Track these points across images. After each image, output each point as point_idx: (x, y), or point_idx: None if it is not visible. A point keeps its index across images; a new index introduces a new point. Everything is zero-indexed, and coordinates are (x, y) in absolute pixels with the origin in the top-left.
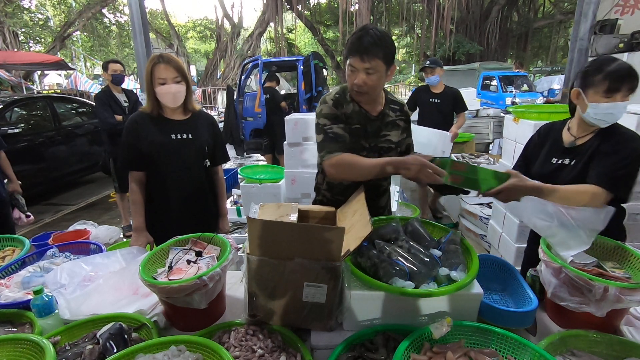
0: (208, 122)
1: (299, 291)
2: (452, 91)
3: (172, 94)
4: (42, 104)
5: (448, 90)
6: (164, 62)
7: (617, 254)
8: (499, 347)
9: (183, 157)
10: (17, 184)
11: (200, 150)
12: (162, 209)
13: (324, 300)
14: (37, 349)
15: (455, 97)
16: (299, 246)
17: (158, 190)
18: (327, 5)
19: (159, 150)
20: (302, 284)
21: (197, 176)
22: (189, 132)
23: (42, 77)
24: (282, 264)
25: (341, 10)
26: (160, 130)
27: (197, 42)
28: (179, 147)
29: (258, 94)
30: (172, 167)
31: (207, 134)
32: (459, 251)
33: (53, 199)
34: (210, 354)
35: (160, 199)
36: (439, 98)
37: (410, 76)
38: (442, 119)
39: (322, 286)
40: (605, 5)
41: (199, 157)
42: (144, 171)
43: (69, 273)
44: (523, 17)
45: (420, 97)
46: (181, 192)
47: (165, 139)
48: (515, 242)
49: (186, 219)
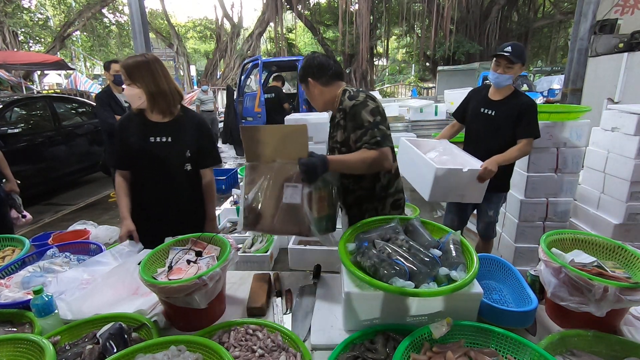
0: (196, 125)
1: (280, 192)
2: (521, 101)
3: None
4: (42, 104)
5: (514, 98)
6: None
7: (617, 254)
8: (498, 347)
9: (160, 160)
10: (15, 183)
11: (180, 154)
12: (139, 212)
13: (299, 200)
14: (37, 349)
15: (522, 111)
16: (277, 147)
17: (137, 193)
18: (327, 5)
19: (136, 153)
20: (283, 184)
21: (176, 180)
22: (169, 136)
23: (42, 77)
24: (267, 166)
25: (341, 10)
26: (141, 132)
27: (197, 42)
28: (157, 150)
29: (258, 94)
30: (149, 170)
31: (190, 137)
32: (459, 251)
33: (53, 199)
34: (210, 354)
35: (139, 202)
36: (496, 108)
37: (410, 76)
38: (497, 142)
39: (298, 186)
40: (605, 5)
41: (178, 161)
42: (129, 170)
43: (66, 281)
44: (523, 17)
45: (470, 103)
46: (158, 196)
47: (143, 141)
48: (515, 242)
49: (164, 223)
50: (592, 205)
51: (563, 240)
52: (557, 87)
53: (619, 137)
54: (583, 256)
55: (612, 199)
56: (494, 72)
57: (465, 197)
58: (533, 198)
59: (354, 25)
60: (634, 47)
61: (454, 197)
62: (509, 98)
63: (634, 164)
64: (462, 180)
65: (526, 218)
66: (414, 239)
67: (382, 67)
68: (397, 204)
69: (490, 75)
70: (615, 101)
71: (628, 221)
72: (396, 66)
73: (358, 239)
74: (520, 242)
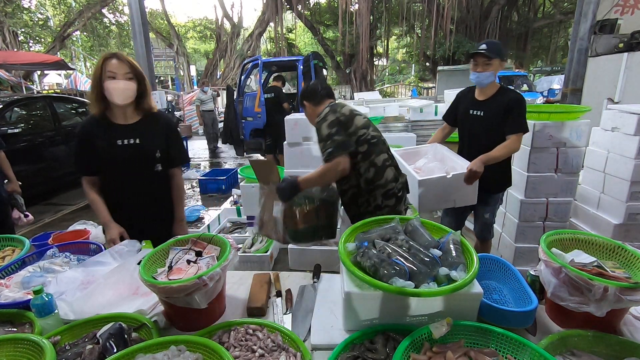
0: (162, 124)
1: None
2: (508, 97)
3: (121, 89)
4: (42, 104)
5: (501, 95)
6: (117, 58)
7: (617, 254)
8: (498, 347)
9: (130, 163)
10: (17, 184)
11: (149, 155)
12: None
13: (280, 214)
14: (37, 349)
15: (509, 107)
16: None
17: (108, 197)
18: (327, 5)
19: (105, 158)
20: (273, 202)
21: (146, 182)
22: (137, 137)
23: (42, 77)
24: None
25: (341, 10)
26: (107, 136)
27: (197, 42)
28: (125, 153)
29: (258, 94)
30: (118, 173)
31: (158, 137)
32: (459, 251)
33: (53, 199)
34: (210, 354)
35: (110, 204)
36: (484, 109)
37: (410, 76)
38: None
39: (279, 203)
40: (605, 5)
41: (147, 163)
42: (96, 176)
43: (67, 282)
44: (523, 17)
45: (459, 106)
46: (130, 199)
47: (111, 146)
48: (515, 242)
49: (136, 225)
50: (592, 205)
51: (563, 240)
52: (557, 87)
53: (619, 137)
54: (583, 256)
55: (612, 199)
56: (474, 72)
57: (457, 201)
58: (533, 198)
59: (354, 25)
60: (634, 47)
61: (445, 204)
62: (496, 96)
63: (634, 164)
64: (449, 187)
65: (526, 218)
66: (414, 239)
67: (382, 67)
68: (390, 194)
69: (471, 76)
70: (615, 101)
71: (628, 221)
72: (396, 66)
73: (358, 239)
74: (520, 242)
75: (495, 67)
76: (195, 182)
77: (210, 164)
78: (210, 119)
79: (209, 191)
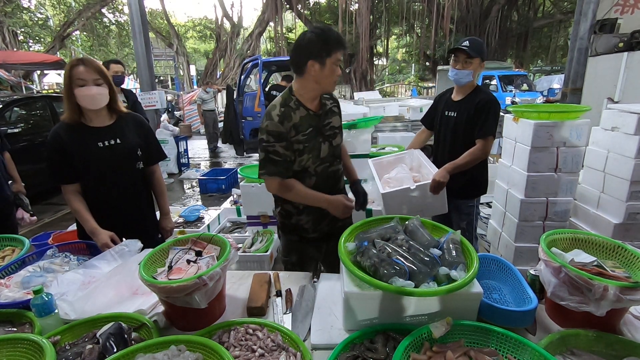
0: (136, 123)
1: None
2: (478, 98)
3: (92, 96)
4: (42, 104)
5: (474, 96)
6: (83, 65)
7: (617, 253)
8: (498, 347)
9: (113, 163)
10: (22, 184)
11: (131, 153)
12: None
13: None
14: (37, 348)
15: (479, 109)
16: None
17: (92, 199)
18: (327, 4)
19: (88, 161)
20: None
21: (130, 180)
22: (117, 137)
23: (41, 77)
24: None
25: (341, 9)
26: (86, 140)
27: (197, 41)
28: (108, 154)
29: (258, 94)
30: (103, 175)
31: (136, 135)
32: (459, 251)
33: (53, 199)
34: (210, 353)
35: (96, 207)
36: (457, 109)
37: (410, 76)
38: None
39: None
40: (605, 4)
41: (130, 161)
42: (77, 183)
43: (67, 282)
44: (523, 17)
45: (438, 108)
46: (116, 199)
47: (93, 148)
48: (515, 241)
49: (124, 224)
50: (592, 205)
51: (563, 240)
52: (557, 87)
53: (618, 137)
54: (583, 256)
55: (612, 198)
56: (453, 68)
57: (425, 211)
58: (533, 197)
59: (354, 24)
60: (634, 46)
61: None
62: (470, 96)
63: (634, 163)
64: (415, 198)
65: (526, 217)
66: (414, 239)
67: (382, 67)
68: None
69: (450, 73)
70: (615, 100)
71: (628, 221)
72: (396, 66)
73: (358, 239)
74: (520, 242)
75: (475, 67)
76: (195, 181)
77: (211, 163)
78: (212, 118)
79: (209, 191)
